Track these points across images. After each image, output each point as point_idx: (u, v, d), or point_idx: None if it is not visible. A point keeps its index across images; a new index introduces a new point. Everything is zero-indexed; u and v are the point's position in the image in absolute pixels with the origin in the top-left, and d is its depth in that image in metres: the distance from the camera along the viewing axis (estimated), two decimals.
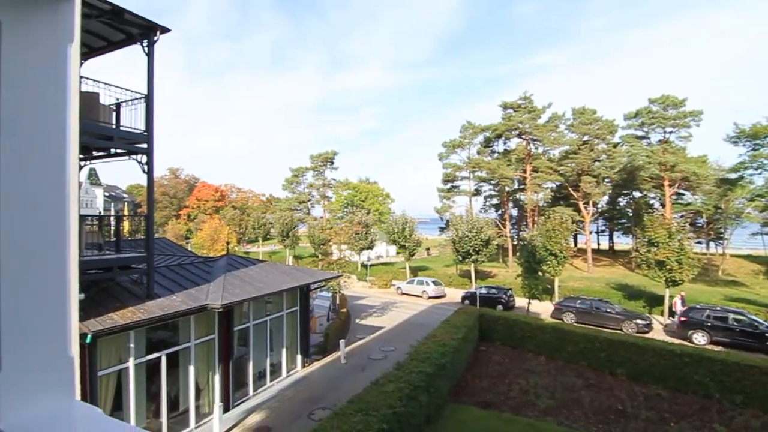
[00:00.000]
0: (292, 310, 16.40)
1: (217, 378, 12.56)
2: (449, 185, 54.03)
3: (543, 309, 26.81)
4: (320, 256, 38.67)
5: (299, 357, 16.59)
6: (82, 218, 10.99)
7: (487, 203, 55.16)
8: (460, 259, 35.40)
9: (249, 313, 14.26)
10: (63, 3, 0.89)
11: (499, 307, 26.64)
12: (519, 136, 48.80)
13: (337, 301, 26.36)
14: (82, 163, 12.77)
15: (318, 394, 13.70)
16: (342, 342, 17.42)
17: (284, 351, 15.86)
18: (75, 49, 0.96)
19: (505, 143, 51.81)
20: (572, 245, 41.19)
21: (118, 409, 10.15)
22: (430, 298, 32.41)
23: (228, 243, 22.81)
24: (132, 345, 10.38)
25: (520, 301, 27.77)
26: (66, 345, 0.91)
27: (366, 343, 19.83)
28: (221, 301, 11.62)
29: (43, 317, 0.87)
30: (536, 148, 48.96)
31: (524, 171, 47.69)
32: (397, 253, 53.43)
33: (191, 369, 11.92)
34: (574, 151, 44.49)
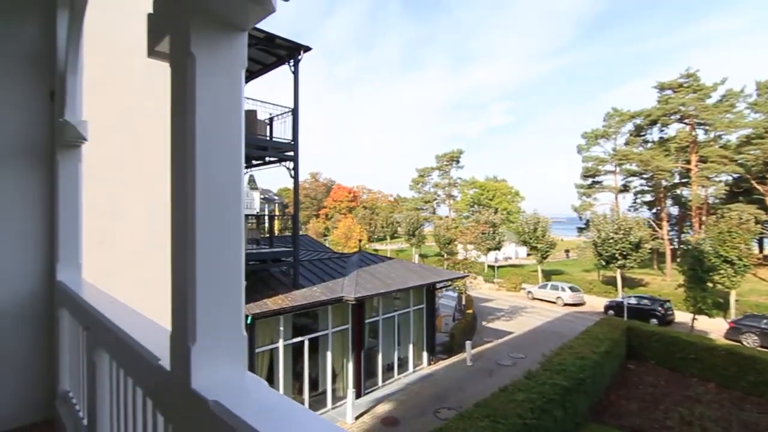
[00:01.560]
0: (418, 308, 16.76)
1: (350, 365, 13.54)
2: (590, 181, 48.69)
3: (713, 327, 22.35)
4: (445, 256, 38.70)
5: (425, 354, 16.86)
6: (246, 217, 12.99)
7: (638, 200, 47.98)
8: (603, 263, 31.65)
9: (379, 308, 15.02)
10: (238, 35, 1.06)
11: (653, 320, 23.02)
12: (680, 120, 41.41)
13: (463, 302, 26.03)
14: (244, 171, 15.07)
15: (443, 392, 13.73)
16: (468, 343, 17.15)
17: (411, 347, 16.29)
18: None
19: (661, 130, 44.46)
20: (756, 251, 33.27)
21: (269, 383, 11.71)
22: (565, 305, 29.75)
23: (360, 240, 24.37)
24: (281, 328, 11.87)
25: (681, 316, 23.61)
26: (240, 325, 1.08)
27: (493, 347, 19.16)
28: (354, 294, 12.50)
29: (226, 300, 1.05)
30: (704, 134, 40.91)
31: (687, 162, 40.34)
32: (528, 254, 50.31)
33: (328, 354, 13.08)
34: (760, 135, 35.79)
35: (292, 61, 12.44)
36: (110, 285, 2.83)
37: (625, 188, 47.35)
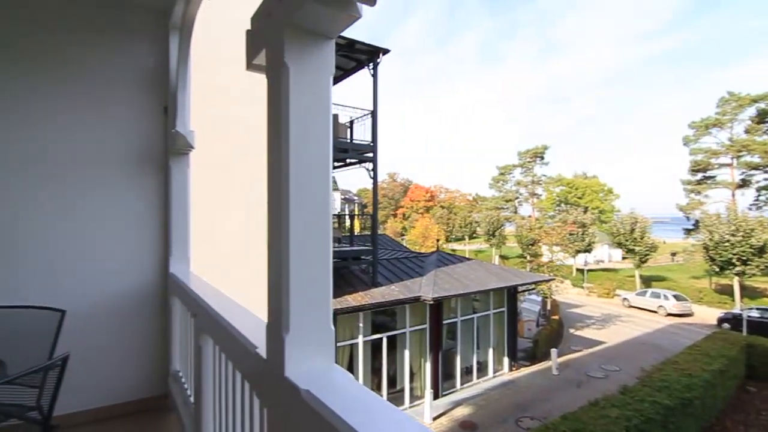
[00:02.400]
0: (498, 311, 16.19)
1: (428, 365, 13.51)
2: (699, 176, 43.01)
3: None
4: (528, 257, 36.84)
5: (506, 359, 16.24)
6: None
7: (762, 197, 41.30)
8: (717, 269, 27.82)
9: (457, 309, 14.79)
10: (326, 43, 1.11)
11: None
12: None
13: (548, 307, 24.60)
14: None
15: (525, 401, 13.11)
16: (554, 351, 16.18)
17: (491, 351, 15.80)
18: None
19: None
20: None
21: None
22: (668, 315, 26.68)
23: (437, 240, 24.20)
24: (361, 324, 12.23)
25: None
26: (328, 318, 1.14)
27: (582, 356, 17.84)
28: (432, 294, 12.45)
29: (316, 294, 1.11)
30: None
31: None
32: (623, 258, 45.93)
33: (406, 353, 13.19)
34: None
35: (371, 64, 12.76)
36: (212, 277, 3.15)
37: (744, 183, 41.08)
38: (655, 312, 27.28)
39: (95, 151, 3.35)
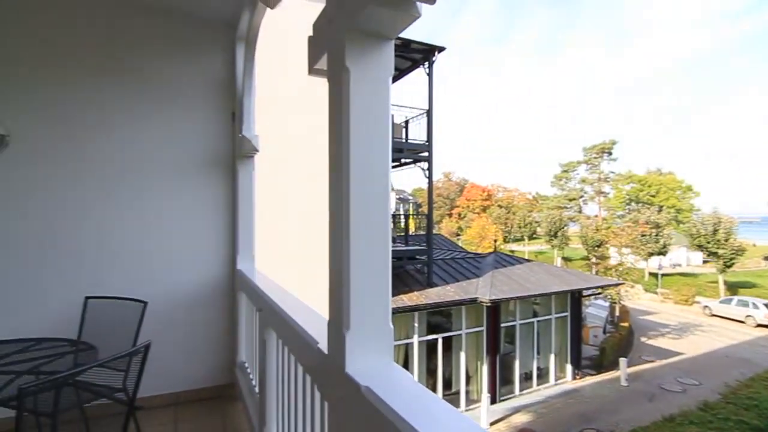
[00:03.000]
0: (561, 315, 15.42)
1: (485, 369, 13.19)
2: None
3: None
4: (594, 260, 34.72)
5: (569, 367, 15.43)
6: None
7: None
8: None
9: (515, 312, 14.30)
10: (386, 44, 1.12)
11: None
12: None
13: (617, 313, 23.03)
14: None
15: (590, 412, 12.37)
16: (623, 361, 15.11)
17: (552, 357, 15.09)
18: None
19: None
20: None
21: None
22: (758, 326, 23.90)
23: (495, 241, 23.55)
24: (416, 324, 12.21)
25: None
26: (387, 317, 1.15)
27: (655, 368, 16.51)
28: (489, 296, 12.13)
29: (375, 293, 1.13)
30: None
31: None
32: (705, 261, 41.83)
33: (462, 355, 12.97)
34: None
35: (426, 63, 12.69)
36: (273, 274, 3.30)
37: None
38: (743, 322, 24.54)
39: (172, 156, 3.65)
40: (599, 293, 20.95)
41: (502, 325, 13.78)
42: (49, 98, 3.26)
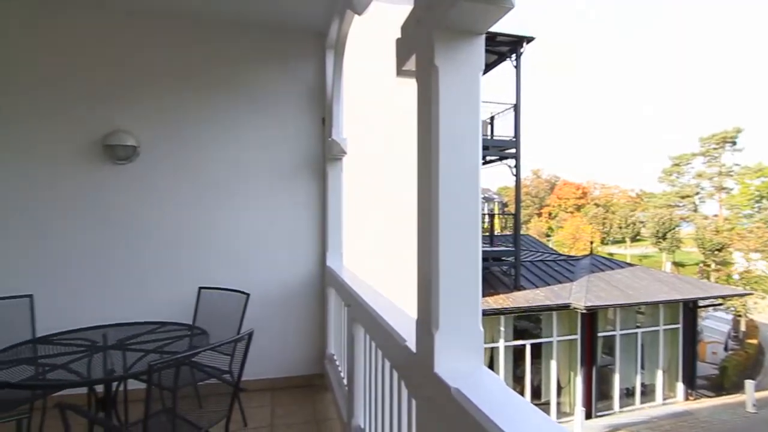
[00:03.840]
0: (671, 327, 13.72)
1: (578, 380, 12.25)
2: None
3: None
4: (713, 266, 30.35)
5: (680, 385, 13.66)
6: None
7: None
8: None
9: (615, 321, 13.05)
10: (476, 39, 1.10)
11: None
12: None
13: (742, 328, 19.87)
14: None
15: None
16: (750, 383, 13.00)
17: (660, 373, 13.49)
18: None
19: None
20: None
21: None
22: None
23: (591, 243, 21.79)
24: (502, 328, 11.76)
25: None
26: (477, 318, 1.12)
27: None
28: (585, 303, 11.24)
29: (465, 293, 1.11)
30: None
31: None
32: None
33: (553, 364, 12.19)
34: None
35: (514, 55, 12.15)
36: (358, 271, 3.42)
37: None
38: None
39: (268, 161, 3.96)
40: (719, 304, 18.25)
41: (600, 334, 12.66)
42: (169, 115, 3.75)
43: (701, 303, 14.24)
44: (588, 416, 12.01)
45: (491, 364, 11.80)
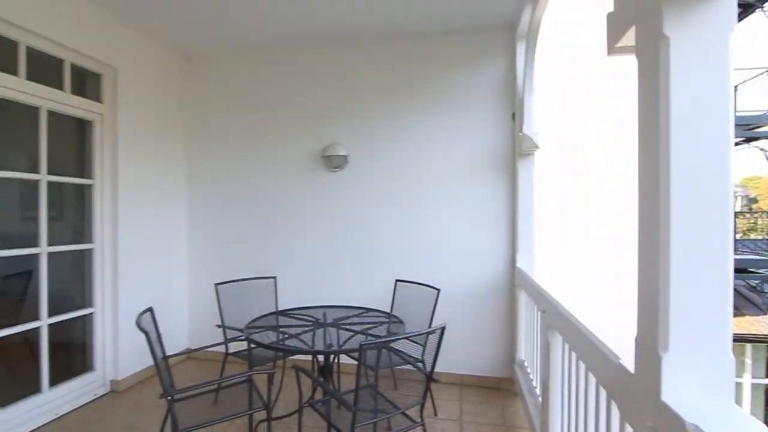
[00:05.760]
0: None
1: None
2: None
3: None
4: None
5: None
6: None
7: None
8: None
9: None
10: None
11: None
12: None
13: None
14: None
15: None
16: None
17: None
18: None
19: None
20: None
21: None
22: None
23: None
24: (749, 360, 9.09)
25: None
26: (726, 344, 0.89)
27: None
28: None
29: (707, 310, 0.89)
30: None
31: None
32: None
33: None
34: None
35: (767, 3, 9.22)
36: (552, 272, 3.15)
37: None
38: None
39: (457, 160, 4.04)
40: None
41: None
42: (372, 124, 4.22)
43: None
44: None
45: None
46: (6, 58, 2.98)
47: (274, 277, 3.88)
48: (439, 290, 3.31)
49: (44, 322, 3.25)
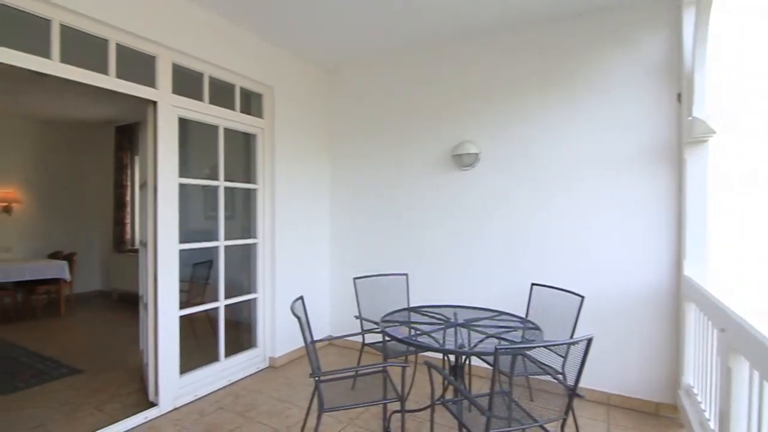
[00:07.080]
0: None
1: None
2: None
3: None
4: None
5: None
6: None
7: None
8: None
9: None
10: None
11: None
12: None
13: None
14: None
15: None
16: None
17: None
18: None
19: None
20: None
21: None
22: None
23: None
24: None
25: None
26: None
27: None
28: None
29: None
30: None
31: None
32: None
33: None
34: None
35: None
36: (735, 287, 2.57)
37: None
38: None
39: (603, 154, 3.59)
40: None
41: None
42: (503, 118, 4.03)
43: None
44: None
45: None
46: (194, 87, 3.69)
47: (406, 274, 4.01)
48: (583, 297, 3.00)
49: (221, 303, 3.93)
